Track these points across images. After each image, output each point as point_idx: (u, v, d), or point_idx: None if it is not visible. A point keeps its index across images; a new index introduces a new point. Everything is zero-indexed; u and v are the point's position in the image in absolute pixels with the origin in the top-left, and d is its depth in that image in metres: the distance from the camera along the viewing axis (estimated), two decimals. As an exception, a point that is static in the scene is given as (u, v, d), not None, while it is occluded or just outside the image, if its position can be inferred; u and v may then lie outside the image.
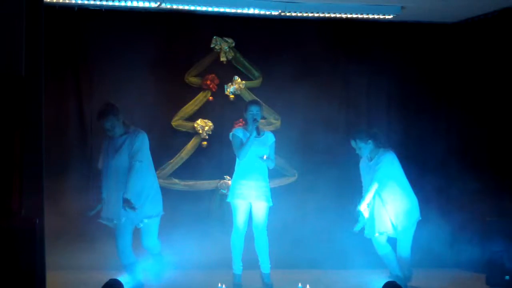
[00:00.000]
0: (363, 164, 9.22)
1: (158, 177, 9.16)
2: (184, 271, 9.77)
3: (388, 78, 11.18)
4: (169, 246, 9.59)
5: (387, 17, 10.67)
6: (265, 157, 8.83)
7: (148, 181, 8.60)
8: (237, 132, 8.92)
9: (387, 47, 11.07)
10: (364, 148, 9.03)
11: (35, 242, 6.66)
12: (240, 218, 8.90)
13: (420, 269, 9.65)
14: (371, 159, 9.07)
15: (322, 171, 10.80)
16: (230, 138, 9.00)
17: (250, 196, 8.86)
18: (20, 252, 6.54)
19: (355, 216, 9.00)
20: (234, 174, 9.03)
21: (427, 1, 10.00)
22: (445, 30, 11.17)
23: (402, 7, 10.33)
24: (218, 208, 10.55)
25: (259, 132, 8.91)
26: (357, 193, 9.27)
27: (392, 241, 9.12)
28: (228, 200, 9.03)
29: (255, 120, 8.82)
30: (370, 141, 9.02)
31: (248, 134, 8.82)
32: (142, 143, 8.53)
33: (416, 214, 9.07)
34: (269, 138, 9.02)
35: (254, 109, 8.89)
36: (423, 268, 9.74)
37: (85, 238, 10.00)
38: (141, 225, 8.58)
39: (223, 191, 10.54)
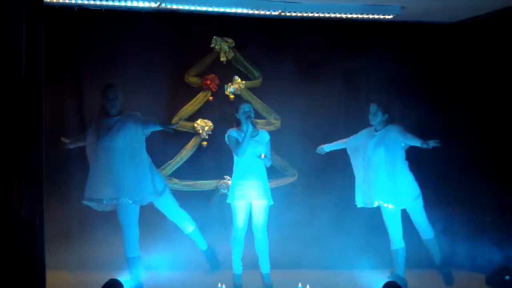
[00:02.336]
0: (365, 134, 9.30)
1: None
2: (184, 271, 9.77)
3: (388, 79, 11.18)
4: (169, 246, 9.61)
5: (387, 17, 10.67)
6: (263, 156, 8.85)
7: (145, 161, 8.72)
8: (232, 132, 8.95)
9: (387, 47, 11.05)
10: (379, 117, 9.11)
11: (35, 242, 6.67)
12: (240, 219, 8.90)
13: (420, 269, 9.64)
14: (376, 130, 9.15)
15: (322, 171, 10.81)
16: (226, 140, 9.01)
17: (250, 195, 8.86)
18: (20, 252, 6.54)
19: None
20: (233, 175, 9.03)
21: (427, 1, 10.00)
22: (445, 30, 11.17)
23: (402, 7, 10.33)
24: (218, 208, 10.54)
25: (254, 126, 8.90)
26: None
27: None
28: (228, 201, 9.03)
29: (249, 117, 8.83)
30: (386, 114, 9.11)
31: (242, 134, 8.83)
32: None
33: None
34: (264, 136, 9.04)
35: (246, 107, 8.94)
36: (423, 268, 9.73)
37: (85, 238, 10.01)
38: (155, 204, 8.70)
39: (223, 191, 10.54)
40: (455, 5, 10.12)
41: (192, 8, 10.28)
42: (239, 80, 10.74)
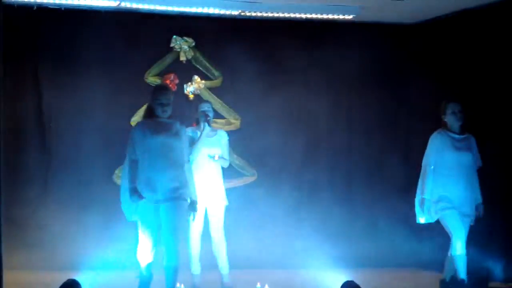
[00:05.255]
0: (442, 138, 8.60)
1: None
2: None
3: (349, 79, 11.24)
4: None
5: (347, 17, 10.72)
6: (216, 157, 8.77)
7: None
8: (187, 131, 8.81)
9: (348, 47, 11.07)
10: (464, 116, 8.59)
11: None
12: (196, 220, 8.69)
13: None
14: (455, 133, 8.60)
15: (282, 171, 10.85)
16: None
17: (205, 197, 8.67)
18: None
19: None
20: None
21: (386, 2, 10.05)
22: (405, 30, 11.24)
23: (362, 8, 10.38)
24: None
25: (210, 125, 8.76)
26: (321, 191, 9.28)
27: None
28: None
29: (206, 115, 8.74)
30: None
31: (198, 133, 8.74)
32: None
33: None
34: (222, 136, 8.92)
35: (205, 106, 8.82)
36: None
37: (43, 238, 9.97)
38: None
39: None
40: (415, 6, 10.18)
41: (152, 7, 10.27)
42: (199, 79, 10.74)
